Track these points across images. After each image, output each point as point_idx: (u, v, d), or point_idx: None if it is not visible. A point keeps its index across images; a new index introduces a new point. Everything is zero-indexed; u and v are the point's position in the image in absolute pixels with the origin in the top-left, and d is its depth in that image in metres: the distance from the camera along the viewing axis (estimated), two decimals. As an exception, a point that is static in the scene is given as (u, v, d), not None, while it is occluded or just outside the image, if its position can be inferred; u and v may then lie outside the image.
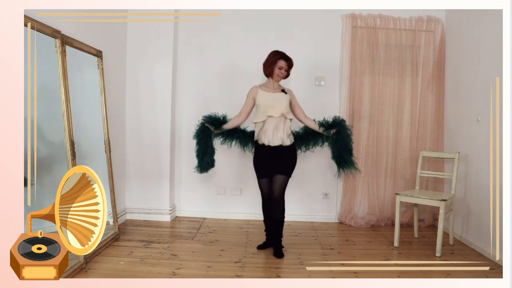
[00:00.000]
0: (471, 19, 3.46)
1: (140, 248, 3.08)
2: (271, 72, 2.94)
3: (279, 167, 2.92)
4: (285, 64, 2.91)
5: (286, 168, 2.94)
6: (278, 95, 2.96)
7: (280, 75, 2.94)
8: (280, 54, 2.93)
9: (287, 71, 2.97)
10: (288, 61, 2.93)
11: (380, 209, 3.98)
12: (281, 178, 2.92)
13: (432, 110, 3.94)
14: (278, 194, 2.92)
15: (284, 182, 2.94)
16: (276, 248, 3.00)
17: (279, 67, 2.91)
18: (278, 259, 2.92)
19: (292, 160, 2.98)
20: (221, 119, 3.00)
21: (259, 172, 3.02)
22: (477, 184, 3.29)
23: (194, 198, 4.12)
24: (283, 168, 2.93)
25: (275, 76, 2.94)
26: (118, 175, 3.64)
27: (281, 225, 2.99)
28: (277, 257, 2.94)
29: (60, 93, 2.57)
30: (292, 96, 3.04)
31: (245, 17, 3.97)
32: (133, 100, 3.88)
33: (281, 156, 2.92)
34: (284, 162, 2.93)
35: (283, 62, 2.91)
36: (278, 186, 2.92)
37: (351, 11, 3.90)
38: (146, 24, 3.82)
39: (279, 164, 2.92)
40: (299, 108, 3.04)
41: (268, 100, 2.92)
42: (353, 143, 3.04)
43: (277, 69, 2.92)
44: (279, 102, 2.92)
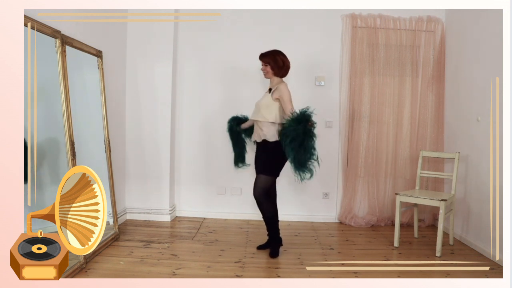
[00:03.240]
0: (471, 19, 3.46)
1: (140, 248, 3.08)
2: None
3: (260, 165, 2.97)
4: (261, 63, 2.99)
5: (265, 166, 2.93)
6: (264, 95, 3.04)
7: (264, 73, 3.00)
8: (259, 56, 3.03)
9: (268, 65, 2.95)
10: (260, 57, 2.98)
11: (380, 209, 3.98)
12: (260, 177, 2.92)
13: (432, 110, 3.94)
14: (257, 193, 2.90)
15: (263, 181, 2.90)
16: (271, 247, 3.01)
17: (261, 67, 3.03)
18: (279, 259, 2.92)
19: (271, 156, 2.89)
20: (242, 119, 3.29)
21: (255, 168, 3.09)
22: (477, 184, 3.29)
23: (194, 198, 4.12)
24: (263, 166, 2.95)
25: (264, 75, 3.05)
26: (118, 175, 3.64)
27: (271, 223, 2.98)
28: (271, 257, 2.94)
29: (60, 93, 2.57)
30: (281, 93, 2.85)
31: (245, 17, 3.97)
32: (133, 100, 3.88)
33: (263, 152, 2.97)
34: (264, 158, 2.95)
35: (260, 61, 3.01)
36: (257, 185, 2.91)
37: (351, 11, 3.90)
38: (146, 24, 3.82)
39: (260, 161, 2.97)
40: (286, 106, 2.80)
41: (257, 101, 3.05)
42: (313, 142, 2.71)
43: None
44: (261, 103, 2.98)
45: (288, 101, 2.84)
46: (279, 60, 2.94)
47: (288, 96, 2.85)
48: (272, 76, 2.98)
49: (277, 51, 2.97)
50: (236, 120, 3.31)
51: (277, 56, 2.94)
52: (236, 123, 3.29)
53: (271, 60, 2.94)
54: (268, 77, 3.01)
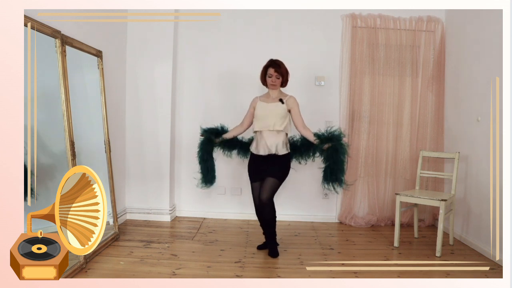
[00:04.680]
0: (471, 19, 3.46)
1: (140, 248, 3.08)
2: (264, 81, 3.00)
3: (271, 170, 2.90)
4: (273, 71, 2.90)
5: (278, 172, 2.90)
6: (273, 105, 2.93)
7: (272, 83, 2.93)
8: (269, 62, 2.95)
9: (280, 78, 2.92)
10: (275, 68, 2.89)
11: (380, 209, 3.98)
12: (271, 181, 2.88)
13: (432, 110, 3.94)
14: (266, 196, 2.87)
15: (274, 184, 2.89)
16: (270, 248, 3.00)
17: (269, 75, 2.92)
18: (278, 259, 2.92)
19: (284, 167, 2.94)
20: (219, 130, 3.11)
21: (251, 176, 3.04)
22: (477, 184, 3.29)
23: (194, 198, 4.12)
24: (275, 172, 2.89)
25: (268, 85, 2.96)
26: (118, 175, 3.64)
27: (273, 226, 2.98)
28: (271, 257, 2.94)
29: (60, 93, 2.57)
30: (293, 105, 2.95)
31: (245, 17, 3.97)
32: (133, 100, 3.88)
33: (274, 163, 2.91)
34: (277, 167, 2.91)
35: (271, 69, 2.91)
36: (267, 188, 2.87)
37: (351, 11, 3.90)
38: (146, 24, 3.82)
39: (271, 168, 2.90)
40: (299, 118, 2.95)
41: (263, 110, 2.94)
42: (349, 156, 2.94)
43: (268, 78, 2.94)
44: (273, 112, 2.89)
45: (300, 113, 2.95)
46: (287, 72, 2.96)
47: (299, 109, 2.96)
48: (276, 89, 2.97)
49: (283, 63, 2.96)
50: (213, 132, 3.09)
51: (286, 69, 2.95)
52: (214, 135, 3.08)
53: (285, 73, 2.94)
54: (274, 88, 2.96)
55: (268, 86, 2.99)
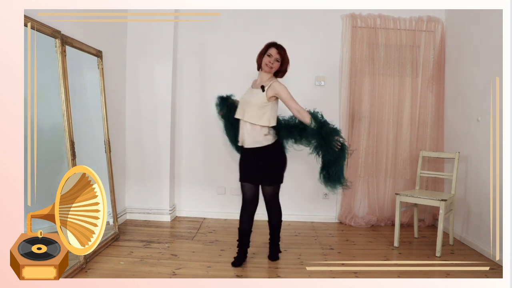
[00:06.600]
0: (471, 19, 3.46)
1: (140, 248, 3.08)
2: (261, 62, 2.66)
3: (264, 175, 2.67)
4: (275, 52, 2.60)
5: (271, 175, 2.67)
6: (255, 91, 2.63)
7: (269, 64, 2.60)
8: (273, 42, 2.68)
9: (279, 62, 2.62)
10: (278, 49, 2.61)
11: (380, 209, 3.98)
12: (268, 189, 2.73)
13: (432, 110, 3.94)
14: (269, 200, 2.77)
15: (273, 190, 2.74)
16: (272, 251, 2.93)
17: (269, 54, 2.61)
18: (278, 259, 2.92)
19: (276, 161, 2.67)
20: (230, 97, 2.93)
21: (240, 174, 2.77)
22: (477, 184, 3.29)
23: (194, 198, 4.12)
24: (268, 175, 2.67)
25: (264, 65, 2.63)
26: (118, 175, 3.64)
27: (278, 229, 2.90)
28: (271, 260, 2.91)
29: (60, 93, 2.57)
30: (277, 90, 2.58)
31: (245, 17, 3.97)
32: (133, 100, 3.88)
33: (260, 160, 2.63)
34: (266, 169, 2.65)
35: (273, 49, 2.61)
36: (267, 195, 2.75)
37: (351, 11, 3.90)
38: (146, 24, 3.82)
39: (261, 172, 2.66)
40: (290, 104, 2.57)
41: (244, 95, 2.71)
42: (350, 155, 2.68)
43: (266, 57, 2.62)
44: (251, 101, 2.60)
45: (290, 98, 2.57)
46: (288, 61, 2.68)
47: (288, 93, 2.58)
48: (270, 73, 2.66)
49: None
50: (226, 100, 2.89)
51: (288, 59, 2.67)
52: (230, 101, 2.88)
53: (286, 61, 2.64)
54: (267, 72, 2.64)
55: (262, 67, 2.66)
